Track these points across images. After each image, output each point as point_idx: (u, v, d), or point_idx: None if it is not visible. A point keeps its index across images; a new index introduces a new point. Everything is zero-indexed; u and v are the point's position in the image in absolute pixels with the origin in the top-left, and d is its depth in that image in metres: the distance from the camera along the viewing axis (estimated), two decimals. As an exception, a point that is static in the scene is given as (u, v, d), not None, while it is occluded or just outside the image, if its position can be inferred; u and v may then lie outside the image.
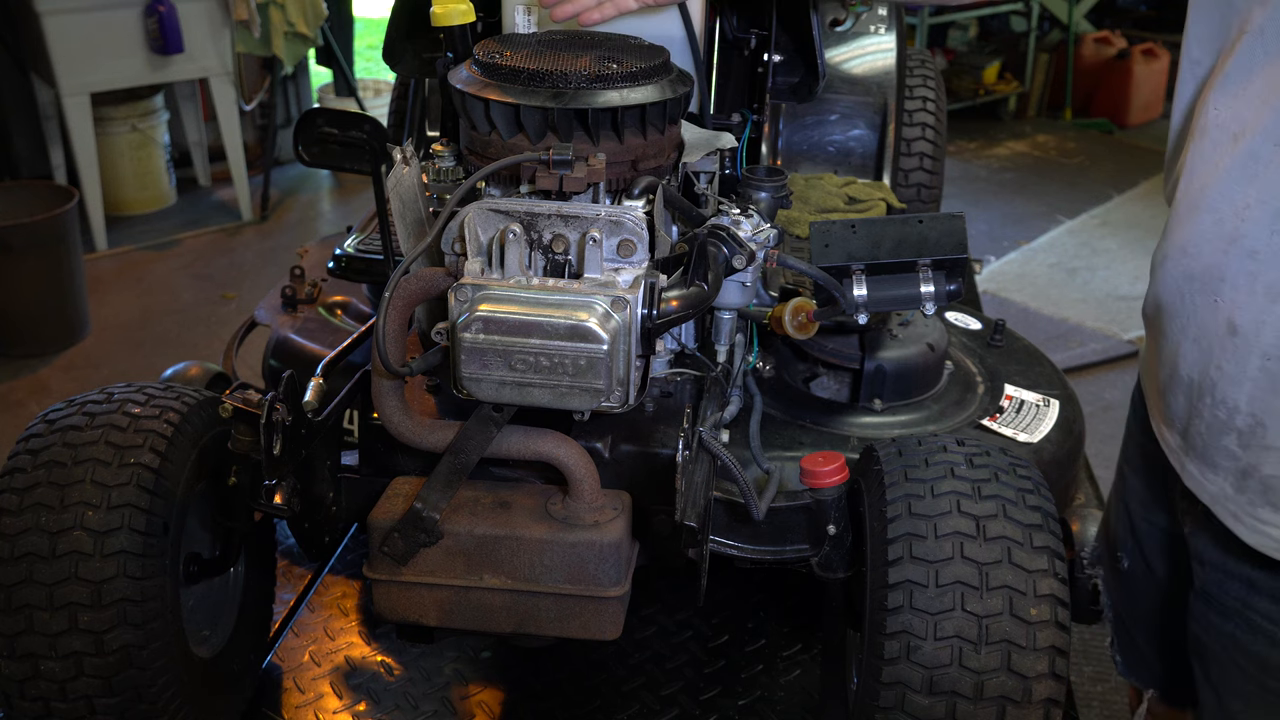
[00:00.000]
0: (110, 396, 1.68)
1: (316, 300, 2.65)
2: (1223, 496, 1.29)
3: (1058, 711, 1.38)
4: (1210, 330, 1.25)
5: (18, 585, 1.51)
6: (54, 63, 4.47)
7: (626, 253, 1.47)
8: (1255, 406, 1.23)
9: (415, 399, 1.78)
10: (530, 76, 1.55)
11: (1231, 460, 1.27)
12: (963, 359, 2.27)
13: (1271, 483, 1.24)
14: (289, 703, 1.99)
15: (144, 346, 4.10)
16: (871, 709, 1.40)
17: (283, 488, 1.59)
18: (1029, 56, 6.92)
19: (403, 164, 1.66)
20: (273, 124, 5.50)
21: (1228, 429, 1.26)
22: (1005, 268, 4.98)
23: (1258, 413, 1.23)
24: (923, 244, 1.64)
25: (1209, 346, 1.26)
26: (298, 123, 1.88)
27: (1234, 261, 1.21)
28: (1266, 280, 1.18)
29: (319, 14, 5.11)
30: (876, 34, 2.84)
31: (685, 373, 1.81)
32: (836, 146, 2.71)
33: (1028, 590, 1.38)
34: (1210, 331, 1.25)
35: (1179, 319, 1.30)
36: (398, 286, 1.50)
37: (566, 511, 1.59)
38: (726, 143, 1.88)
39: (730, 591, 2.24)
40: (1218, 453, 1.29)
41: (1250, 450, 1.25)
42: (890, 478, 1.50)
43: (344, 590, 2.27)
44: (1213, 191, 1.24)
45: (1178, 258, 1.29)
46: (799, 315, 1.71)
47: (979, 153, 6.49)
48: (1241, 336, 1.21)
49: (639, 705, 1.98)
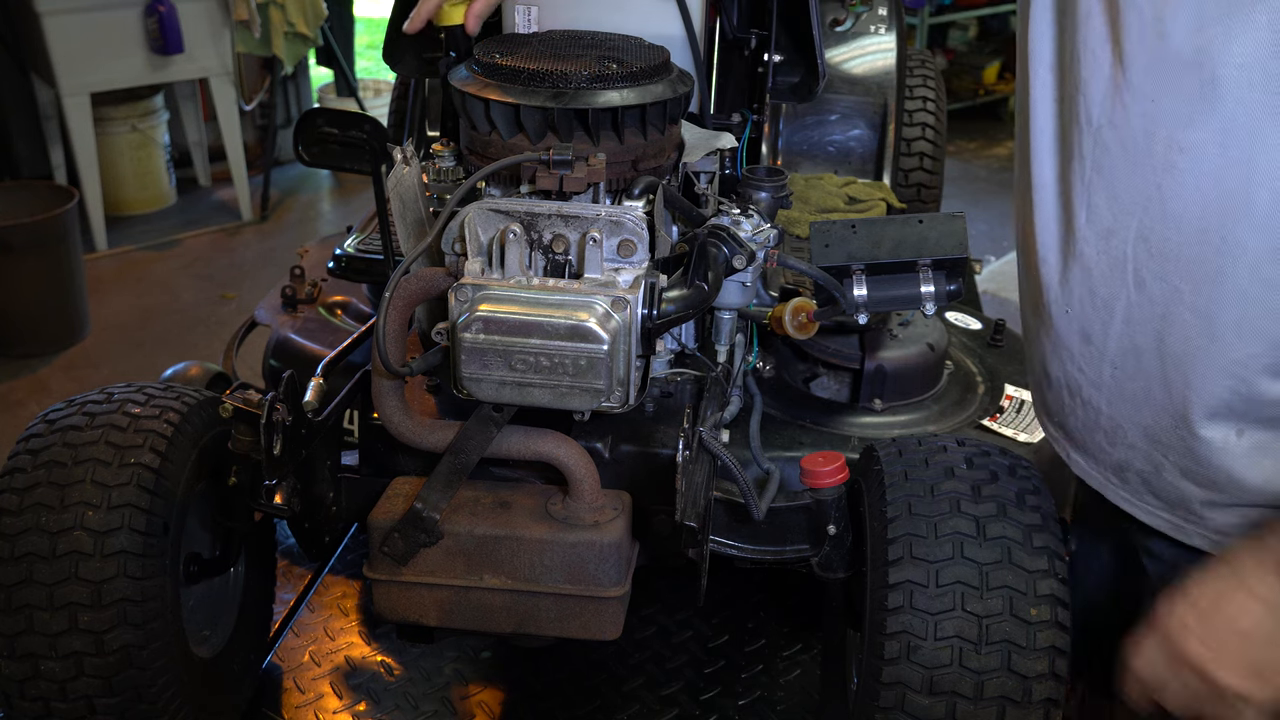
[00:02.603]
0: (110, 396, 1.68)
1: (316, 300, 2.65)
2: (1110, 485, 1.34)
3: (1058, 712, 1.38)
4: (1067, 338, 1.30)
5: (18, 585, 1.51)
6: (54, 63, 4.47)
7: (626, 253, 1.47)
8: (1113, 410, 1.27)
9: (415, 399, 1.78)
10: (530, 76, 1.55)
11: (1105, 455, 1.32)
12: (963, 359, 2.27)
13: (1146, 476, 1.28)
14: (289, 703, 1.99)
15: (144, 346, 4.10)
16: (871, 709, 1.40)
17: (283, 488, 1.59)
18: (1029, 56, 6.91)
19: (403, 164, 1.66)
20: (273, 124, 5.50)
21: (1096, 427, 1.31)
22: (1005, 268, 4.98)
23: (1115, 416, 1.27)
24: (923, 244, 1.64)
25: (1069, 353, 1.30)
26: (298, 123, 1.88)
27: (1074, 274, 1.25)
28: (1101, 296, 1.23)
29: (319, 14, 5.11)
30: (876, 34, 2.84)
31: (685, 373, 1.81)
32: (836, 146, 2.71)
33: (1028, 590, 1.38)
34: (1067, 339, 1.30)
35: (1044, 323, 1.34)
36: (398, 286, 1.50)
37: (566, 511, 1.59)
38: (726, 143, 1.88)
39: (730, 591, 2.24)
40: (1094, 448, 1.34)
41: (1117, 448, 1.29)
42: (890, 478, 1.50)
43: (344, 590, 2.27)
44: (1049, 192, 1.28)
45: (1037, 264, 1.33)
46: (799, 315, 1.71)
47: (979, 153, 6.49)
48: (1094, 346, 1.26)
49: (639, 705, 1.98)
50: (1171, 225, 1.14)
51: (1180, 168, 1.11)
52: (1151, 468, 1.26)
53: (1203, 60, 1.05)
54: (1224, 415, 1.17)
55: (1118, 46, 1.13)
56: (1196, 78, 1.06)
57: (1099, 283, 1.23)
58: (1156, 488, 1.27)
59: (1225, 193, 1.09)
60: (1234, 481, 1.18)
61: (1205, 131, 1.08)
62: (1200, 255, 1.12)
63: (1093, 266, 1.23)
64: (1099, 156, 1.19)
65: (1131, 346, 1.22)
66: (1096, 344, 1.26)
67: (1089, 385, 1.30)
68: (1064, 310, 1.29)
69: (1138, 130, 1.14)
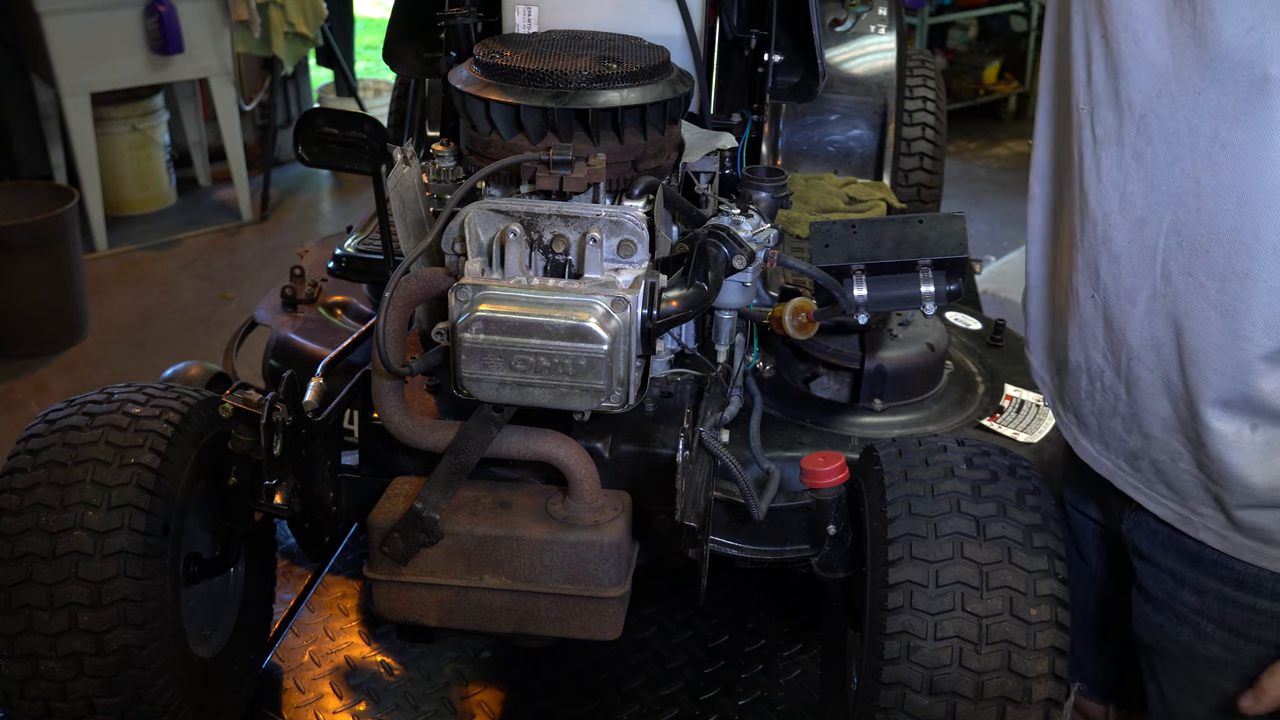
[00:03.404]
0: (110, 396, 1.68)
1: (316, 300, 2.65)
2: (1120, 472, 1.35)
3: (1058, 712, 1.38)
4: (1092, 323, 1.30)
5: (18, 585, 1.51)
6: (54, 63, 4.47)
7: (626, 253, 1.47)
8: (1132, 398, 1.28)
9: (415, 399, 1.78)
10: (530, 76, 1.55)
11: (1120, 441, 1.32)
12: (963, 359, 2.27)
13: (1160, 466, 1.28)
14: (289, 703, 1.99)
15: (144, 346, 4.10)
16: (871, 709, 1.40)
17: (283, 488, 1.59)
18: (1029, 56, 6.91)
19: (403, 164, 1.66)
20: (273, 124, 5.50)
21: (1114, 412, 1.32)
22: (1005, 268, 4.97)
23: (1134, 404, 1.28)
24: (923, 244, 1.64)
25: (1094, 339, 1.30)
26: (298, 123, 1.88)
27: (1104, 262, 1.25)
28: (1126, 284, 1.23)
29: (319, 14, 5.11)
30: (876, 34, 2.84)
31: (685, 373, 1.81)
32: (836, 146, 2.71)
33: (1028, 590, 1.38)
34: (1092, 324, 1.30)
35: (1070, 307, 1.34)
36: (398, 286, 1.50)
37: (566, 511, 1.59)
38: (726, 143, 1.88)
39: (730, 591, 2.24)
40: (1109, 433, 1.34)
41: (1133, 436, 1.30)
42: (890, 478, 1.50)
43: (344, 590, 2.27)
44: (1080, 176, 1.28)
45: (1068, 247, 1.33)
46: (799, 315, 1.71)
47: (979, 153, 6.48)
48: (1115, 332, 1.26)
49: (639, 705, 1.98)
50: (1206, 221, 1.13)
51: (1221, 165, 1.10)
52: (1168, 457, 1.26)
53: (1254, 59, 1.05)
54: (1239, 409, 1.17)
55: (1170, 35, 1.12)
56: (1246, 76, 1.06)
57: (1125, 270, 1.23)
58: (1170, 477, 1.28)
59: (1262, 193, 1.08)
60: (1240, 479, 1.18)
61: (1250, 130, 1.07)
62: (1230, 254, 1.12)
63: (1121, 254, 1.23)
64: (1140, 145, 1.18)
65: (1151, 338, 1.22)
66: (1117, 331, 1.26)
67: (1110, 371, 1.30)
68: (1090, 295, 1.29)
69: (1181, 123, 1.13)
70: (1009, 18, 7.14)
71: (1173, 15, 1.10)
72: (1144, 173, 1.18)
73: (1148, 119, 1.16)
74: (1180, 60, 1.11)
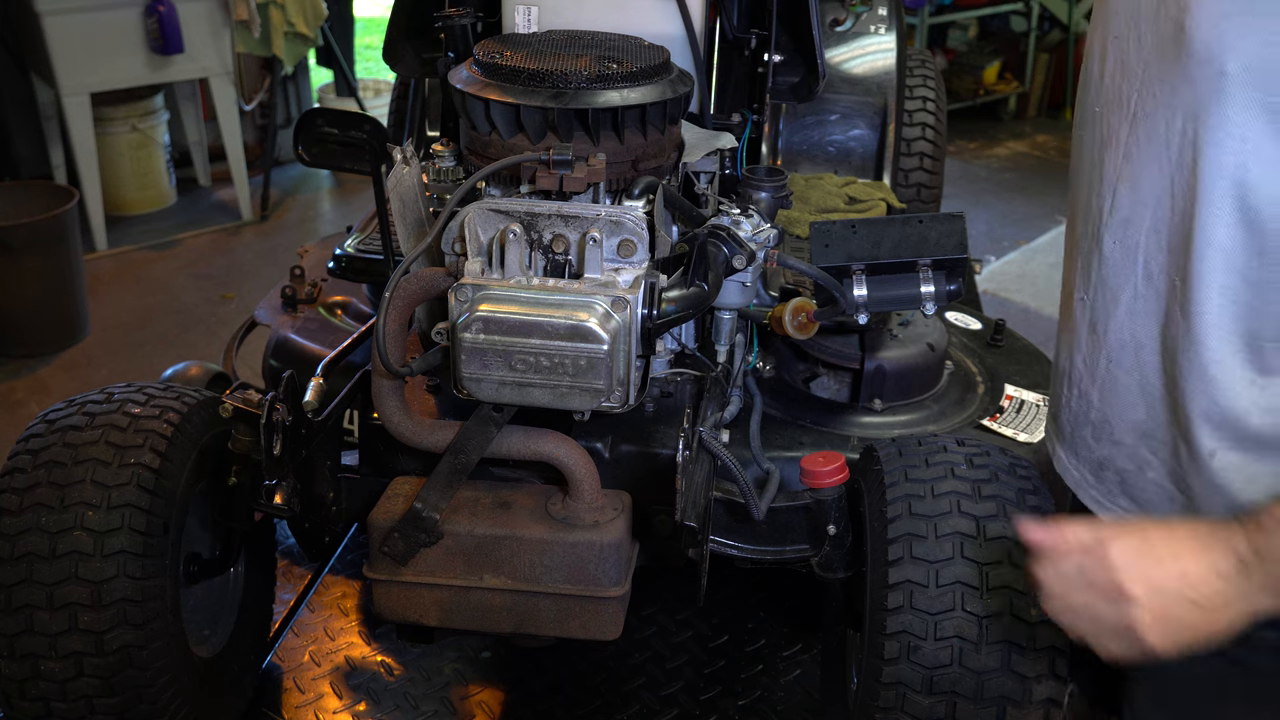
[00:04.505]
0: (110, 396, 1.68)
1: (316, 300, 2.65)
2: (1085, 483, 1.34)
3: (1058, 712, 1.38)
4: (1079, 327, 1.30)
5: (18, 585, 1.51)
6: (54, 63, 4.46)
7: (626, 253, 1.47)
8: (1105, 404, 1.28)
9: (415, 399, 1.78)
10: (530, 76, 1.55)
11: (1088, 450, 1.32)
12: (963, 359, 2.26)
13: (1126, 476, 1.28)
14: (289, 703, 1.99)
15: (144, 346, 4.10)
16: (871, 709, 1.40)
17: (283, 488, 1.59)
18: (1029, 56, 6.91)
19: (403, 164, 1.66)
20: (273, 124, 5.49)
21: (1086, 420, 1.31)
22: (1005, 268, 4.97)
23: (1106, 410, 1.28)
24: (923, 244, 1.64)
25: (1078, 343, 1.31)
26: (298, 123, 1.88)
27: (1095, 263, 1.26)
28: (1111, 285, 1.23)
29: (319, 14, 5.10)
30: (876, 34, 2.84)
31: (685, 373, 1.81)
32: (836, 146, 2.71)
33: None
34: (1079, 328, 1.30)
35: (1064, 313, 1.35)
36: (398, 286, 1.50)
37: (566, 512, 1.59)
38: (726, 143, 1.88)
39: (730, 591, 2.24)
40: (1079, 442, 1.34)
41: (1102, 444, 1.29)
42: (890, 478, 1.50)
43: (344, 590, 2.27)
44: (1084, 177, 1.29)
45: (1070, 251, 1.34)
46: (799, 315, 1.71)
47: (979, 153, 6.48)
48: (1097, 335, 1.26)
49: (639, 705, 1.98)
50: (1176, 220, 1.14)
51: (1188, 163, 1.11)
52: (1135, 466, 1.26)
53: (1215, 54, 1.05)
54: (1208, 422, 1.16)
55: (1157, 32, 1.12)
56: (1209, 71, 1.06)
57: (1111, 271, 1.23)
58: (1134, 488, 1.27)
59: (1211, 194, 1.09)
60: (1221, 486, 1.17)
61: (1209, 130, 1.08)
62: (1189, 254, 1.12)
63: (1109, 254, 1.23)
64: (1131, 145, 1.19)
65: (1131, 339, 1.22)
66: (1099, 334, 1.26)
67: (1086, 376, 1.30)
68: (1080, 297, 1.30)
69: (1160, 121, 1.14)
70: (1009, 18, 7.13)
71: (1160, 11, 1.10)
72: (1132, 172, 1.19)
73: (1138, 118, 1.17)
74: (1164, 57, 1.12)
